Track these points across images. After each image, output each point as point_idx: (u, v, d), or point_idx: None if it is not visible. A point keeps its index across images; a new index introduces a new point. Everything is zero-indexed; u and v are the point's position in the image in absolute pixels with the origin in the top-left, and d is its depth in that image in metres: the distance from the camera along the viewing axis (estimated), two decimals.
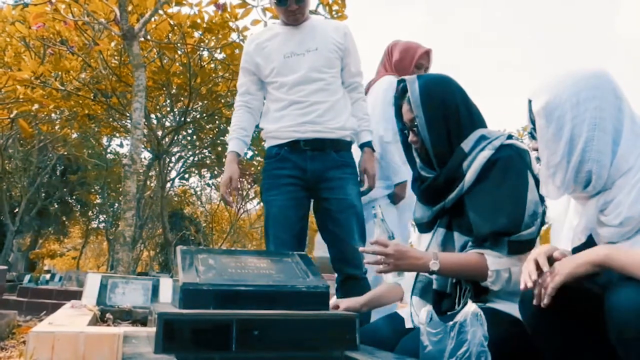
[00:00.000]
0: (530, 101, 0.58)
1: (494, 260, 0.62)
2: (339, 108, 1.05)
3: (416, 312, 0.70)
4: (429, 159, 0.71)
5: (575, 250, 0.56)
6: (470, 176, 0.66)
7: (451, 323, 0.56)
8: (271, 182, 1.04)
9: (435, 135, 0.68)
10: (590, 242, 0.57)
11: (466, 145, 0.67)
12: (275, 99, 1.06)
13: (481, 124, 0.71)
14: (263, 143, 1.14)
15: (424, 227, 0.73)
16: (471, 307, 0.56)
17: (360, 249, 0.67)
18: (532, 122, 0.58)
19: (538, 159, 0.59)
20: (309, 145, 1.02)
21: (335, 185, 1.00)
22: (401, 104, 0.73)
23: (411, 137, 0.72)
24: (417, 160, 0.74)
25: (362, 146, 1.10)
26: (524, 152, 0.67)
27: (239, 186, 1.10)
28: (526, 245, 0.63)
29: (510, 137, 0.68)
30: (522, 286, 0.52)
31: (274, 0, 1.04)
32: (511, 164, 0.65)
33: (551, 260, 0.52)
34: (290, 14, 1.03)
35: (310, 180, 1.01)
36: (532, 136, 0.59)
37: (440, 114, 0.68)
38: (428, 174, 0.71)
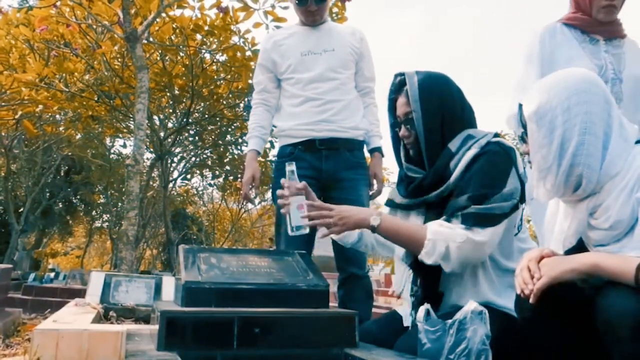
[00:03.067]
0: (521, 105, 0.59)
1: (434, 230, 0.61)
2: (352, 108, 1.06)
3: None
4: (419, 156, 0.70)
5: (567, 253, 0.57)
6: (456, 175, 0.66)
7: (450, 321, 0.57)
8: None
9: (430, 131, 0.68)
10: (581, 245, 0.57)
11: (453, 145, 0.67)
12: (290, 95, 1.07)
13: (472, 125, 0.71)
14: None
15: (400, 208, 0.73)
16: (472, 305, 0.56)
17: (304, 215, 0.65)
18: (523, 126, 0.59)
19: (529, 162, 0.59)
20: (324, 144, 1.02)
21: (348, 186, 1.01)
22: (396, 98, 0.72)
23: (403, 132, 0.71)
24: (403, 160, 0.73)
25: (372, 151, 1.11)
26: (510, 149, 0.67)
27: (259, 184, 1.11)
28: (481, 218, 0.60)
29: (496, 135, 0.68)
30: (518, 291, 0.53)
31: (295, 1, 1.05)
32: (496, 157, 0.65)
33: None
34: (309, 14, 1.05)
35: (324, 180, 1.02)
36: (523, 140, 0.59)
37: (437, 111, 0.68)
38: (415, 174, 0.70)
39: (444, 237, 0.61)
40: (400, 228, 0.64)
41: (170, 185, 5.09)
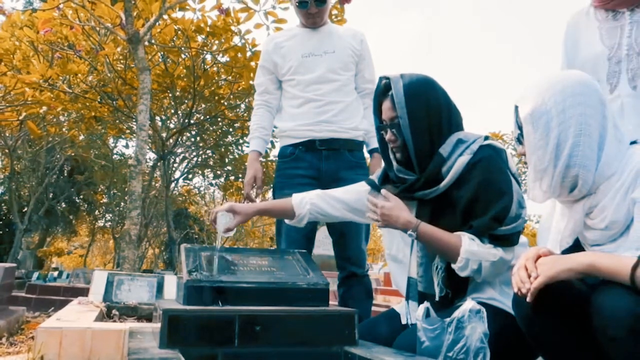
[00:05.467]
0: (516, 107, 0.59)
1: (468, 249, 0.63)
2: (352, 109, 1.07)
3: (411, 313, 0.71)
4: (407, 160, 0.71)
5: (564, 253, 0.57)
6: (447, 180, 0.66)
7: (449, 319, 0.57)
8: (285, 181, 1.06)
9: (418, 137, 0.68)
10: (577, 245, 0.58)
11: (444, 150, 0.68)
12: (291, 96, 1.08)
13: (459, 127, 0.72)
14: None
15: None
16: (469, 303, 0.57)
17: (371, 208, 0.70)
18: (519, 127, 0.59)
19: (525, 163, 0.60)
20: (324, 144, 1.03)
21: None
22: (381, 101, 0.72)
23: (389, 136, 0.71)
24: (394, 162, 0.74)
25: (371, 152, 1.12)
26: (501, 151, 0.68)
27: (262, 185, 1.09)
28: (507, 238, 0.64)
29: (486, 138, 0.69)
30: (515, 290, 0.54)
31: (296, 3, 1.06)
32: (492, 162, 0.66)
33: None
34: (309, 16, 1.06)
35: (325, 179, 1.03)
36: (519, 141, 0.60)
37: (424, 116, 0.68)
38: (406, 176, 0.71)
39: (477, 257, 0.63)
40: (436, 237, 0.65)
41: (172, 185, 5.12)
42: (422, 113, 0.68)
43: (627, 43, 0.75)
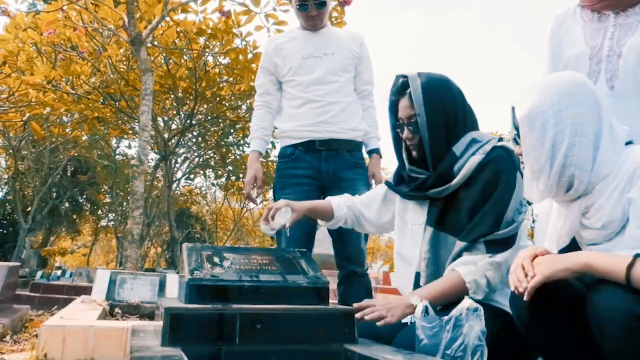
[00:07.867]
0: (513, 108, 0.60)
1: (467, 271, 0.64)
2: (351, 110, 1.08)
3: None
4: (423, 158, 0.71)
5: (561, 252, 0.58)
6: (459, 179, 0.67)
7: (447, 317, 0.58)
8: (285, 181, 1.07)
9: (435, 135, 0.69)
10: (574, 244, 0.59)
11: (457, 149, 0.69)
12: (291, 97, 1.09)
13: (474, 126, 0.72)
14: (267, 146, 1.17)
15: (402, 195, 0.76)
16: (467, 301, 0.57)
17: (357, 315, 0.66)
18: (516, 128, 0.60)
19: (522, 163, 0.61)
20: (324, 145, 1.04)
21: (347, 186, 1.02)
22: (397, 100, 0.73)
23: (406, 134, 0.72)
24: (406, 161, 0.74)
25: (370, 152, 1.13)
26: (514, 153, 0.69)
27: (262, 184, 1.10)
28: (503, 242, 0.65)
29: (500, 140, 0.70)
30: (512, 289, 0.54)
31: (296, 6, 1.07)
32: (502, 164, 0.67)
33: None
34: (309, 19, 1.08)
35: (325, 180, 1.04)
36: (516, 142, 0.61)
37: (441, 115, 0.69)
38: (418, 175, 0.72)
39: (479, 272, 0.64)
40: (438, 292, 0.65)
41: (174, 185, 5.14)
42: (439, 111, 0.69)
43: (609, 45, 0.76)
